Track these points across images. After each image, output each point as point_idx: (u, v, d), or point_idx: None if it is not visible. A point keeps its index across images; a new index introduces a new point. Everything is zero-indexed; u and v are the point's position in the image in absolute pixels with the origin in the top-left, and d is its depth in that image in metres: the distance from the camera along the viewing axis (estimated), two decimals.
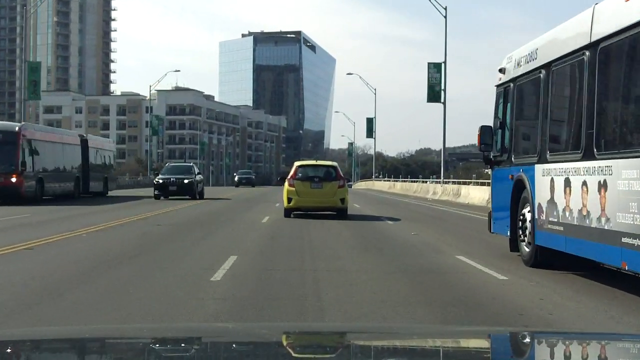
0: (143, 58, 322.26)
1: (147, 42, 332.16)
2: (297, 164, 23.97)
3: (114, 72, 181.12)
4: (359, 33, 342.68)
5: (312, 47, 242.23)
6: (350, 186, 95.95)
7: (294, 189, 22.31)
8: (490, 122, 13.12)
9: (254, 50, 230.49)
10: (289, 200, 22.32)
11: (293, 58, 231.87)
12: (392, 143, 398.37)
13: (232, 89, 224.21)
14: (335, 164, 24.58)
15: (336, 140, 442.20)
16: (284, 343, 3.27)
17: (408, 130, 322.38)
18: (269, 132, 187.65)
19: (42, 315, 7.27)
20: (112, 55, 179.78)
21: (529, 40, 12.09)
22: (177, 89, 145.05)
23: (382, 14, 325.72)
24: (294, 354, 3.03)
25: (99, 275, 9.94)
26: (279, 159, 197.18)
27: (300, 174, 22.73)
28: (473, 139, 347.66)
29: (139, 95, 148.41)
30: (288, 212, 22.36)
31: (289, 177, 22.77)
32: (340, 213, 22.54)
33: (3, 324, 6.84)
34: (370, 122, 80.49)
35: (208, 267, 10.60)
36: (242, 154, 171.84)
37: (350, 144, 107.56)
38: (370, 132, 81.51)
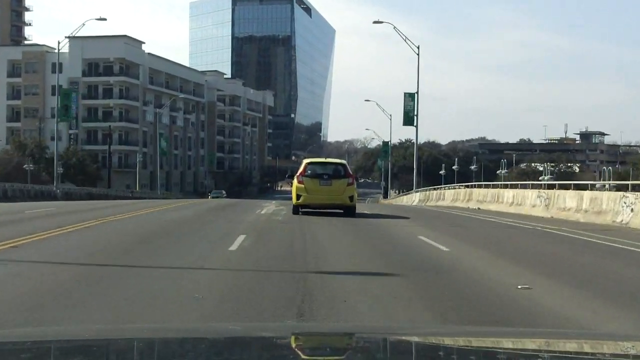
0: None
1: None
2: (306, 161, 24.30)
3: (29, 24, 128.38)
4: (351, 28, 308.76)
5: (308, 10, 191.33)
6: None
7: (303, 185, 22.43)
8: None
9: (233, 11, 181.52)
10: (298, 197, 22.43)
11: (283, 22, 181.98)
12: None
13: (206, 61, 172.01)
14: (344, 161, 25.38)
15: (335, 132, 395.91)
16: (285, 343, 3.27)
17: (400, 126, 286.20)
18: (249, 111, 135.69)
19: None
20: (27, 1, 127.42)
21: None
22: (100, 36, 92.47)
23: (374, 10, 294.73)
24: (294, 354, 3.07)
25: None
26: (263, 149, 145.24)
27: (309, 171, 22.90)
28: (477, 133, 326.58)
29: (43, 46, 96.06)
30: (296, 209, 22.53)
31: (297, 174, 22.96)
32: (348, 211, 22.44)
33: None
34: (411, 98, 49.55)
35: None
36: (209, 140, 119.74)
37: (386, 143, 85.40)
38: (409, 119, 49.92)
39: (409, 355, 3.09)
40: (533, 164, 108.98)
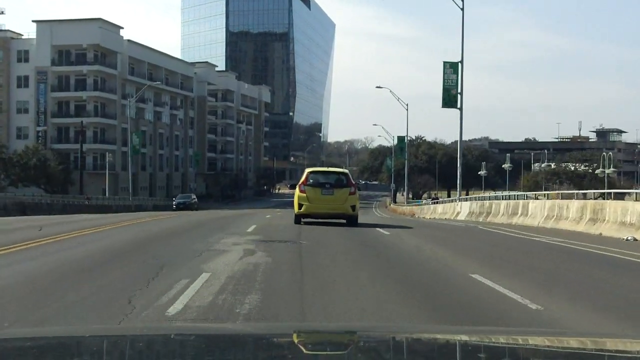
0: None
1: None
2: (308, 170, 24.11)
3: (2, 12, 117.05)
4: (349, 29, 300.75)
5: (307, 2, 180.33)
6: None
7: (305, 195, 22.29)
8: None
9: (227, 2, 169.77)
10: (300, 206, 22.28)
11: (280, 14, 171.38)
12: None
13: (198, 56, 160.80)
14: (346, 171, 25.42)
15: (335, 132, 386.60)
16: (285, 342, 3.27)
17: (402, 125, 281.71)
18: (244, 108, 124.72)
19: None
20: None
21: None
22: (71, 20, 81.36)
23: (372, 9, 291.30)
24: (294, 354, 3.03)
25: None
26: (259, 149, 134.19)
27: (311, 180, 22.74)
28: (478, 132, 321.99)
29: (7, 31, 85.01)
30: (298, 219, 22.38)
31: (299, 183, 22.99)
32: (350, 220, 22.31)
33: None
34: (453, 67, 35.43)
35: None
36: (199, 139, 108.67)
37: (402, 139, 74.72)
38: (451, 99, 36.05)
39: (409, 355, 3.07)
40: (563, 164, 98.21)
